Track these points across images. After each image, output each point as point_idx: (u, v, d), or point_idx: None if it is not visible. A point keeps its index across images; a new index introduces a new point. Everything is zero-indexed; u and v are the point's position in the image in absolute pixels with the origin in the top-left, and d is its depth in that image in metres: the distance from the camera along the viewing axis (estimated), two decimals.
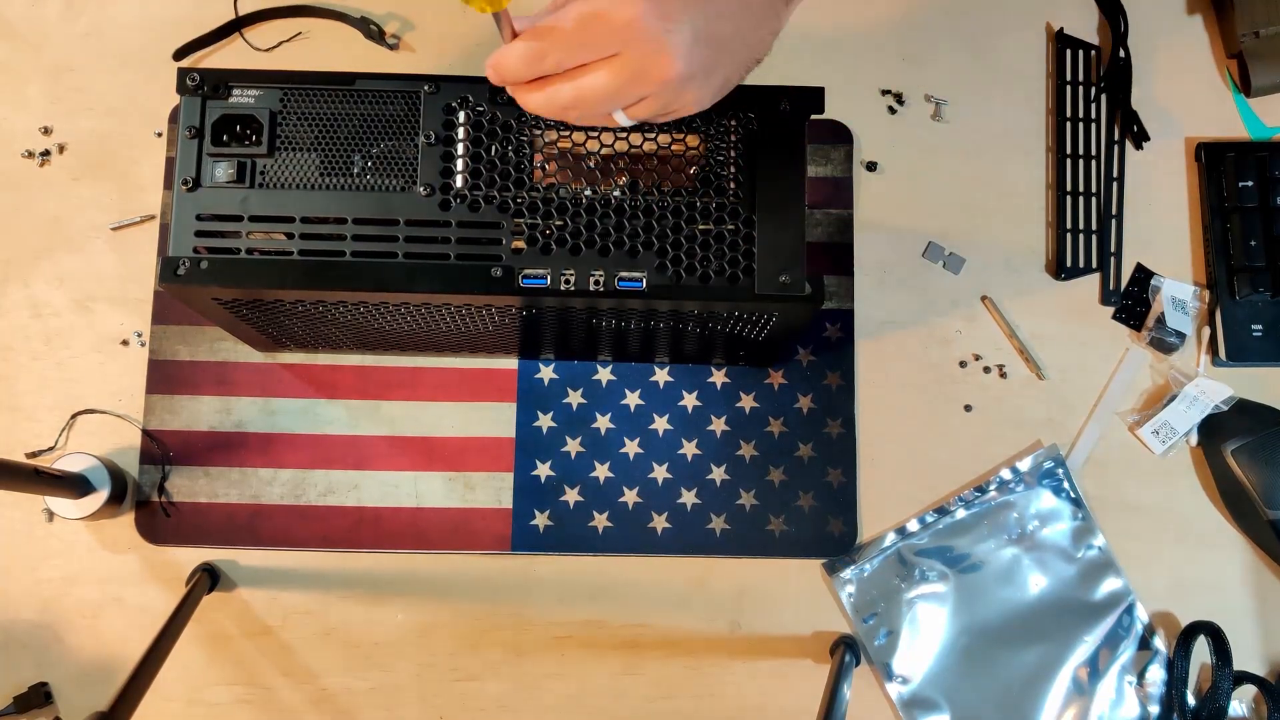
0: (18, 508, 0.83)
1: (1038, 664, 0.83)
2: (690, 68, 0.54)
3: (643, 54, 0.53)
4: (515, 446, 0.85)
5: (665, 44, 0.53)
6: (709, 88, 0.57)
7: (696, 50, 0.54)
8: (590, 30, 0.53)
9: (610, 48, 0.53)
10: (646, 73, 0.54)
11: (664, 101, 0.56)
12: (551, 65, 0.54)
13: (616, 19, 0.52)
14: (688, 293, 0.65)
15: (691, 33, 0.54)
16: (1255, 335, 0.87)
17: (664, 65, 0.53)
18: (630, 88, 0.54)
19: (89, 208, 0.88)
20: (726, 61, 0.57)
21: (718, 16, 0.55)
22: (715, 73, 0.57)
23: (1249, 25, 0.91)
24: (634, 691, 0.83)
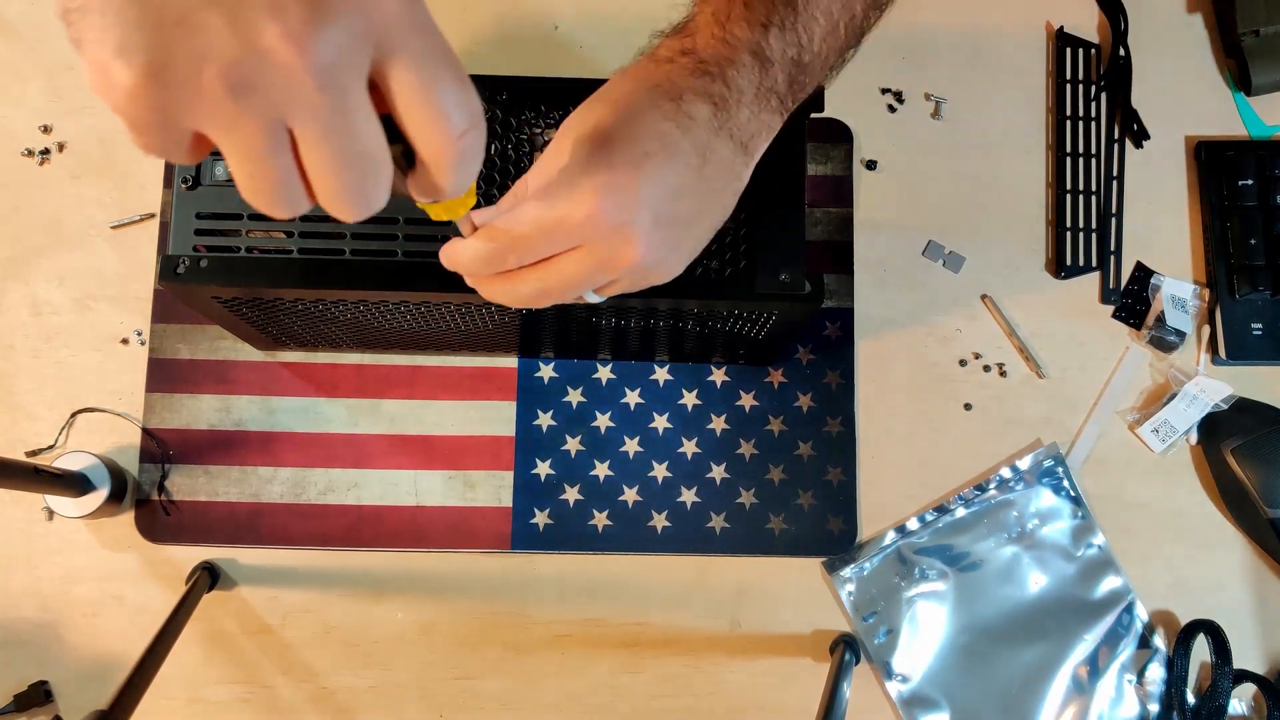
0: (18, 506, 0.83)
1: (1037, 662, 0.83)
2: (654, 251, 0.53)
3: (606, 245, 0.52)
4: (515, 445, 0.85)
5: (626, 234, 0.52)
6: (677, 261, 0.56)
7: (658, 233, 0.53)
8: (549, 232, 0.52)
9: (569, 244, 0.52)
10: (610, 262, 0.53)
11: (633, 281, 0.55)
12: (513, 264, 0.53)
13: (575, 218, 0.51)
14: (687, 291, 0.65)
15: (651, 218, 0.52)
16: (1255, 334, 0.87)
17: (627, 254, 0.52)
18: (596, 275, 0.53)
19: (89, 206, 0.88)
20: (692, 234, 0.56)
21: (676, 197, 0.53)
22: (682, 247, 0.56)
23: (1249, 24, 0.91)
24: (634, 690, 0.83)
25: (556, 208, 0.51)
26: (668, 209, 0.53)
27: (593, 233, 0.52)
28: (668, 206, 0.53)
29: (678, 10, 0.60)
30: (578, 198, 0.51)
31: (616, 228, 0.52)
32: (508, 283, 0.54)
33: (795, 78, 0.55)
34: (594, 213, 0.51)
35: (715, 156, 0.54)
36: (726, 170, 0.55)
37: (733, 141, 0.55)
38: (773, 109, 0.56)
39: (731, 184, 0.56)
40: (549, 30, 0.92)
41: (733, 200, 0.58)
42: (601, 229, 0.51)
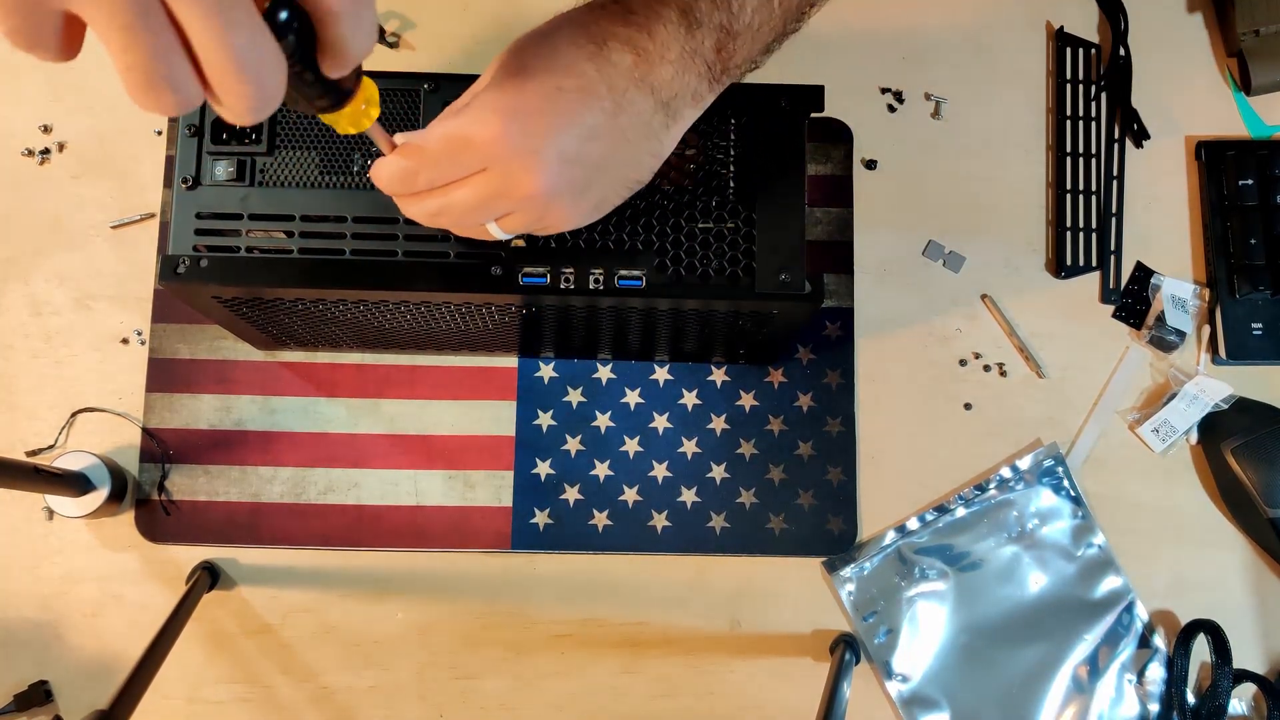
0: (18, 506, 0.83)
1: (1038, 662, 0.83)
2: (555, 185, 0.54)
3: (506, 171, 0.53)
4: (515, 445, 0.85)
5: (528, 162, 0.53)
6: (580, 206, 0.57)
7: (564, 169, 0.54)
8: (455, 150, 0.53)
9: (476, 165, 0.53)
10: (510, 189, 0.54)
11: (533, 217, 0.56)
12: (423, 183, 0.54)
13: (480, 138, 0.52)
14: (687, 291, 0.65)
15: (556, 153, 0.53)
16: (1255, 334, 0.87)
17: (526, 182, 0.53)
18: (495, 202, 0.55)
19: (89, 206, 0.88)
20: (600, 181, 0.57)
21: (588, 138, 0.54)
22: (588, 192, 0.56)
23: (1249, 24, 0.91)
24: (634, 689, 0.83)
25: (464, 126, 0.53)
26: (574, 147, 0.54)
27: (495, 155, 0.53)
28: (575, 144, 0.54)
29: None
30: (485, 118, 0.52)
31: (519, 153, 0.53)
32: (419, 202, 0.56)
33: (724, 45, 0.55)
34: (498, 135, 0.52)
35: (632, 107, 0.55)
36: (643, 125, 0.56)
37: (653, 97, 0.55)
38: (699, 74, 0.56)
39: (649, 142, 0.57)
40: None
41: (650, 161, 0.58)
42: (504, 152, 0.53)
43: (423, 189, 0.55)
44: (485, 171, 0.54)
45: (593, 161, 0.55)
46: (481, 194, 0.54)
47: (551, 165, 0.53)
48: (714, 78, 0.57)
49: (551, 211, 0.56)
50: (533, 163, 0.53)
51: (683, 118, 0.58)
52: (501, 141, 0.52)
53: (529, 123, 0.53)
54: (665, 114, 0.56)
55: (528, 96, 0.53)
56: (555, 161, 0.53)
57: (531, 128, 0.53)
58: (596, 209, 0.58)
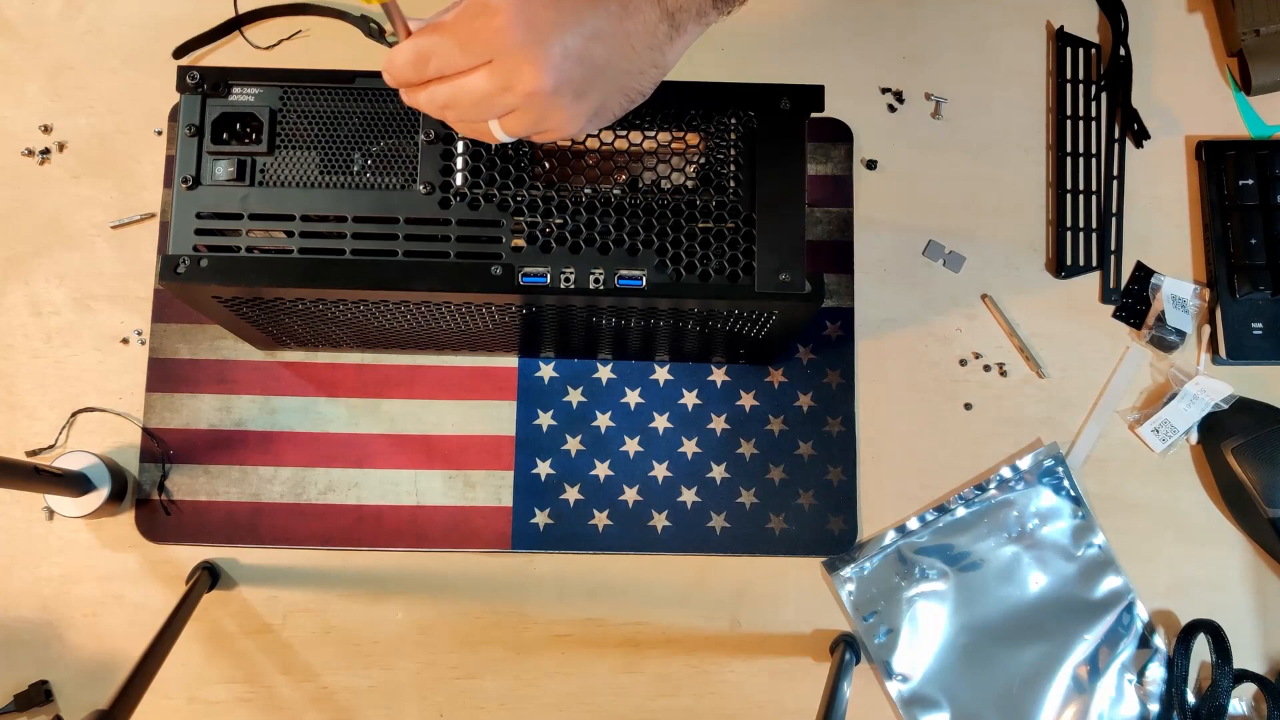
0: (18, 506, 0.83)
1: (1038, 662, 0.83)
2: (556, 82, 0.55)
3: (511, 63, 0.54)
4: (515, 445, 0.85)
5: (532, 54, 0.54)
6: (580, 109, 0.58)
7: (566, 67, 0.55)
8: (467, 35, 0.54)
9: (485, 54, 0.54)
10: (513, 82, 0.55)
11: (534, 117, 0.57)
12: (434, 70, 0.55)
13: (488, 27, 0.54)
14: (687, 291, 0.65)
15: (561, 49, 0.54)
16: (1255, 333, 0.87)
17: (528, 76, 0.54)
18: (499, 96, 0.55)
19: (89, 206, 0.88)
20: (601, 86, 0.58)
21: (592, 37, 0.55)
22: (588, 95, 0.57)
23: (1249, 23, 0.91)
24: (634, 689, 0.83)
25: (474, 14, 0.54)
26: (578, 45, 0.55)
27: (501, 46, 0.54)
28: (579, 43, 0.55)
29: None
30: (494, 6, 0.54)
31: (523, 45, 0.54)
32: (428, 90, 0.56)
33: None
34: (505, 25, 0.53)
35: (639, 14, 0.56)
36: (648, 33, 0.57)
37: (660, 7, 0.57)
38: None
39: (652, 52, 0.58)
40: None
41: (653, 73, 0.59)
42: (510, 43, 0.54)
43: (433, 75, 0.56)
44: (491, 63, 0.54)
45: (596, 63, 0.56)
46: (487, 85, 0.55)
47: (554, 60, 0.54)
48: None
49: (551, 111, 0.57)
50: (536, 54, 0.54)
51: (687, 32, 0.59)
52: (506, 32, 0.53)
53: (537, 16, 0.54)
54: (670, 25, 0.58)
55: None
56: (558, 57, 0.54)
57: (539, 21, 0.54)
58: (597, 115, 0.59)
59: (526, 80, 0.54)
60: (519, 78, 0.54)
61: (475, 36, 0.54)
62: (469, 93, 0.55)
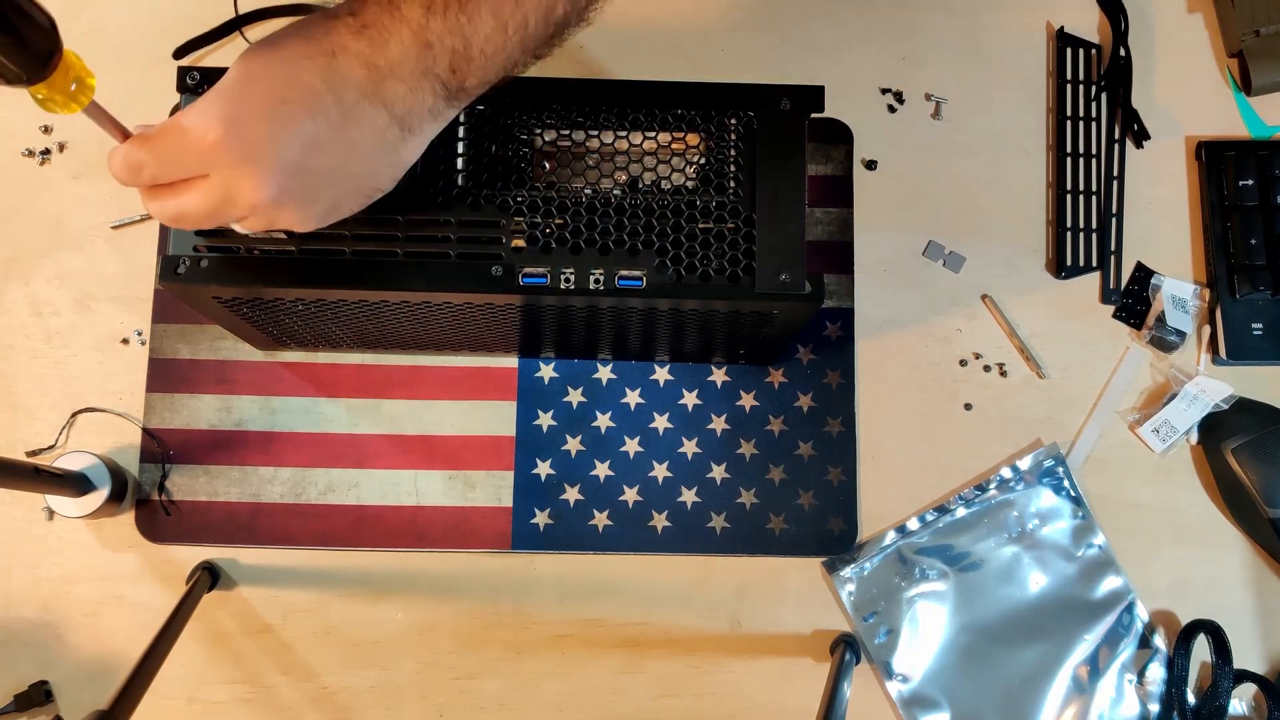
0: (18, 506, 0.83)
1: (1038, 662, 0.83)
2: (278, 196, 0.54)
3: (227, 178, 0.54)
4: (515, 445, 0.85)
5: (248, 170, 0.53)
6: (310, 212, 0.57)
7: (285, 179, 0.54)
8: (178, 150, 0.54)
9: (198, 168, 0.54)
10: (234, 197, 0.54)
11: (264, 221, 0.57)
12: (148, 179, 0.55)
13: (200, 144, 0.53)
14: (687, 291, 0.65)
15: (277, 162, 0.54)
16: (1256, 334, 0.87)
17: (247, 190, 0.54)
18: (224, 209, 0.55)
19: (89, 206, 0.88)
20: (329, 190, 0.57)
21: (311, 147, 0.54)
22: (316, 200, 0.57)
23: (1249, 24, 0.91)
24: (634, 690, 0.83)
25: (185, 131, 0.53)
26: (296, 157, 0.54)
27: (215, 163, 0.53)
28: (299, 155, 0.54)
29: (678, 12, 0.60)
30: (206, 123, 0.53)
31: (238, 163, 0.53)
32: (156, 200, 0.56)
33: (458, 66, 0.56)
34: (216, 143, 0.53)
35: (363, 121, 0.55)
36: (377, 138, 0.56)
37: (386, 111, 0.55)
38: (434, 92, 0.56)
39: (385, 154, 0.57)
40: None
41: (389, 172, 0.59)
42: (223, 160, 0.53)
43: (148, 184, 0.55)
44: (209, 177, 0.54)
45: (320, 171, 0.55)
46: (209, 200, 0.55)
47: (272, 175, 0.54)
48: (451, 95, 0.57)
49: (281, 217, 0.57)
50: (252, 172, 0.53)
51: (424, 132, 0.58)
52: (220, 149, 0.53)
53: (248, 132, 0.53)
54: (401, 128, 0.56)
55: (249, 106, 0.53)
56: (276, 171, 0.54)
57: (250, 137, 0.53)
58: (329, 214, 0.59)
59: (246, 195, 0.54)
60: (238, 192, 0.54)
61: (186, 152, 0.53)
62: (193, 210, 0.55)
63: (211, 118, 0.53)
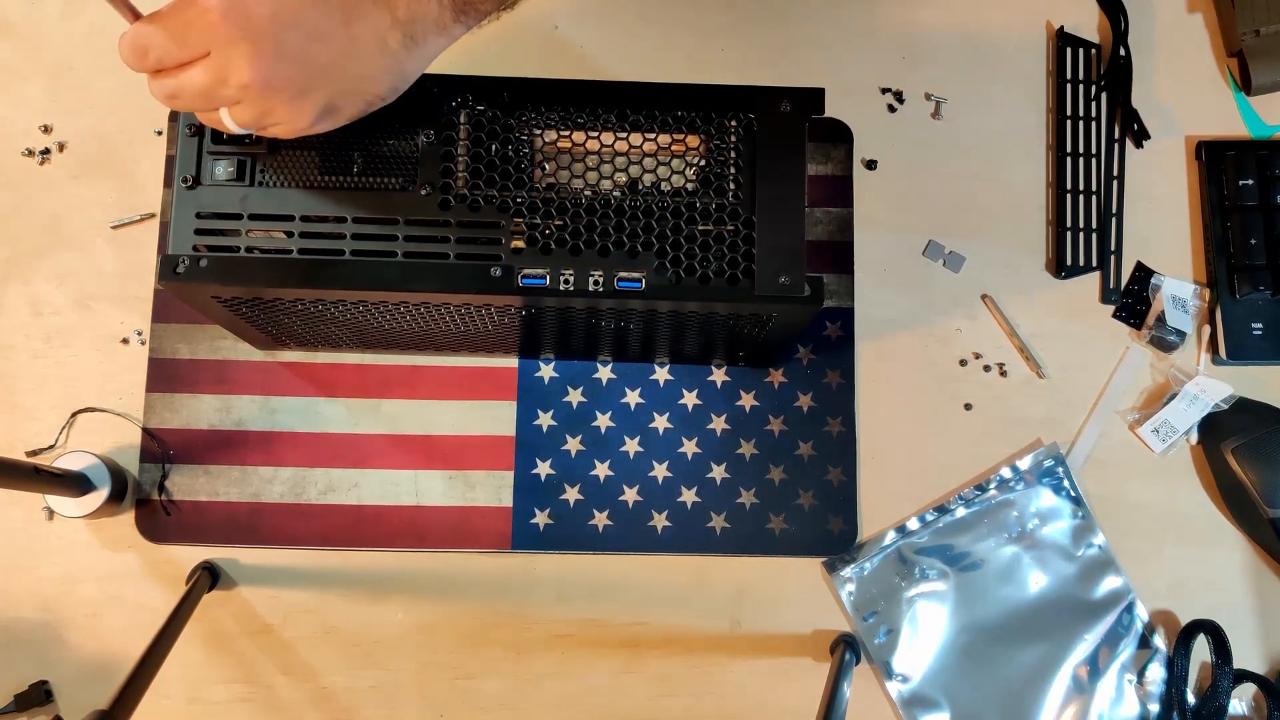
0: (18, 506, 0.83)
1: (1038, 662, 0.83)
2: (270, 79, 0.55)
3: (225, 57, 0.54)
4: (515, 445, 0.85)
5: (244, 50, 0.54)
6: (304, 106, 0.57)
7: (281, 65, 0.55)
8: (180, 27, 0.54)
9: (201, 47, 0.54)
10: (227, 75, 0.55)
11: (257, 110, 0.57)
12: (154, 61, 0.55)
13: (200, 21, 0.54)
14: (687, 293, 0.65)
15: (274, 45, 0.54)
16: (1255, 334, 0.87)
17: (241, 70, 0.54)
18: (218, 89, 0.55)
19: (89, 206, 0.88)
20: (327, 86, 0.57)
21: (312, 38, 0.55)
22: (311, 94, 0.57)
23: (1249, 23, 0.91)
24: (634, 690, 0.83)
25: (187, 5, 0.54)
26: (296, 44, 0.55)
27: (215, 39, 0.54)
28: (298, 41, 0.55)
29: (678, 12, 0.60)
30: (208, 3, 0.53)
31: (235, 40, 0.54)
32: (158, 81, 0.56)
33: None
34: (218, 19, 0.53)
35: (366, 20, 0.56)
36: (378, 38, 0.57)
37: (390, 14, 0.57)
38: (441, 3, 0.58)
39: (385, 58, 0.58)
40: (549, 30, 0.92)
41: (389, 79, 0.59)
42: (223, 38, 0.54)
43: (154, 66, 0.56)
44: (209, 56, 0.55)
45: (318, 62, 0.56)
46: (205, 79, 0.55)
47: (267, 58, 0.54)
48: (458, 8, 0.58)
49: (274, 106, 0.57)
50: (248, 50, 0.54)
51: (428, 43, 0.59)
52: (221, 26, 0.53)
53: (251, 12, 0.53)
54: (403, 33, 0.57)
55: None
56: (271, 55, 0.54)
57: (253, 15, 0.53)
58: (327, 114, 0.59)
59: (240, 74, 0.54)
60: (232, 71, 0.54)
61: (188, 29, 0.54)
62: (189, 86, 0.56)
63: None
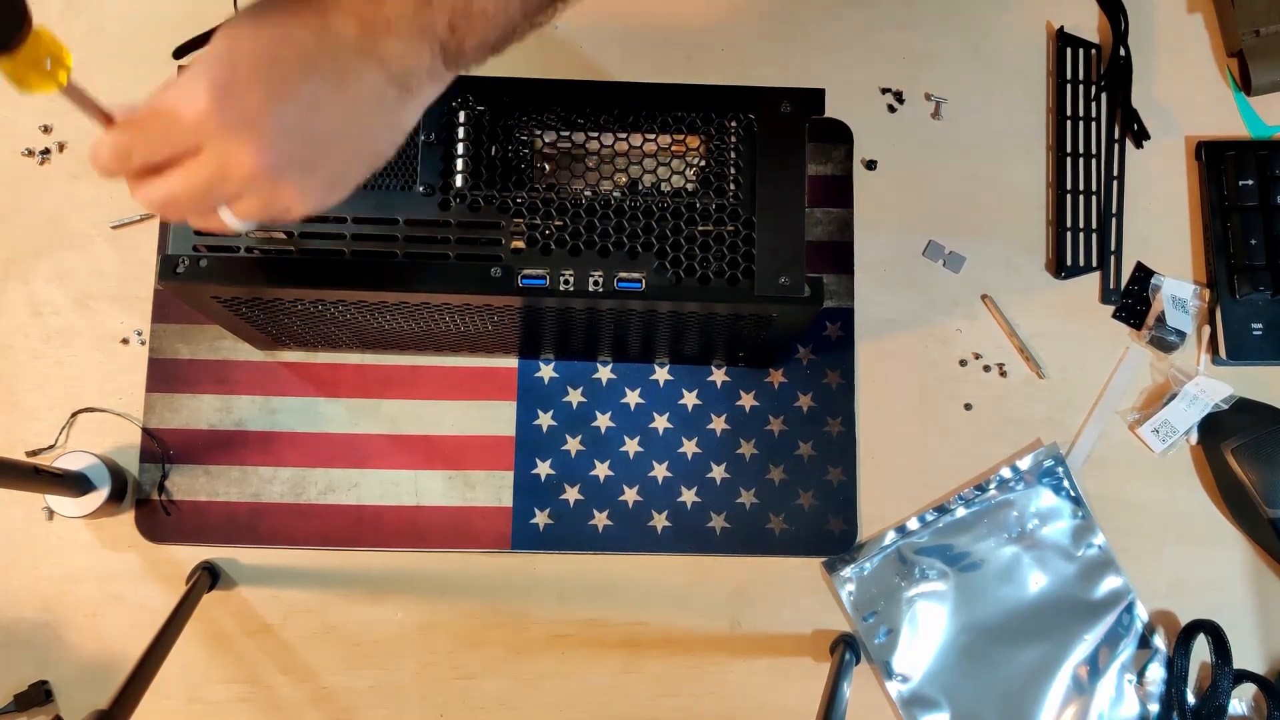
0: (18, 506, 0.83)
1: (1038, 662, 0.83)
2: (277, 160, 0.51)
3: (223, 149, 0.50)
4: (515, 445, 0.85)
5: (245, 137, 0.50)
6: (314, 183, 0.54)
7: (286, 143, 0.51)
8: (167, 123, 0.50)
9: (188, 143, 0.50)
10: (229, 168, 0.50)
11: (264, 199, 0.53)
12: (139, 162, 0.51)
13: (189, 113, 0.50)
14: (687, 294, 0.65)
15: (276, 124, 0.50)
16: (1255, 334, 0.87)
17: (244, 158, 0.50)
18: (218, 185, 0.51)
19: (89, 206, 0.88)
20: (331, 157, 0.53)
21: (311, 109, 0.51)
22: (319, 168, 0.53)
23: (1249, 24, 0.91)
24: (634, 690, 0.83)
25: (173, 100, 0.50)
26: (298, 119, 0.51)
27: (209, 131, 0.50)
28: (298, 117, 0.51)
29: (678, 12, 0.60)
30: (194, 93, 0.49)
31: (233, 129, 0.50)
32: (144, 186, 0.52)
33: (457, 24, 0.53)
34: (208, 110, 0.49)
35: (361, 81, 0.52)
36: (375, 98, 0.53)
37: (383, 70, 0.53)
38: (432, 51, 0.53)
39: (384, 116, 0.54)
40: (549, 30, 0.91)
41: (391, 135, 0.56)
42: (217, 129, 0.50)
43: (138, 168, 0.52)
44: (201, 153, 0.50)
45: (320, 135, 0.52)
46: (201, 177, 0.51)
47: (271, 139, 0.50)
48: (449, 56, 0.54)
49: (282, 191, 0.53)
50: (249, 137, 0.50)
51: (423, 94, 0.55)
52: (211, 118, 0.49)
53: (241, 97, 0.50)
54: (399, 88, 0.53)
55: (240, 70, 0.50)
56: (275, 135, 0.50)
57: (245, 102, 0.50)
58: (334, 186, 0.55)
59: (244, 163, 0.50)
60: (235, 162, 0.50)
61: (176, 124, 0.50)
62: (184, 188, 0.51)
63: (200, 86, 0.49)
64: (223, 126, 0.50)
